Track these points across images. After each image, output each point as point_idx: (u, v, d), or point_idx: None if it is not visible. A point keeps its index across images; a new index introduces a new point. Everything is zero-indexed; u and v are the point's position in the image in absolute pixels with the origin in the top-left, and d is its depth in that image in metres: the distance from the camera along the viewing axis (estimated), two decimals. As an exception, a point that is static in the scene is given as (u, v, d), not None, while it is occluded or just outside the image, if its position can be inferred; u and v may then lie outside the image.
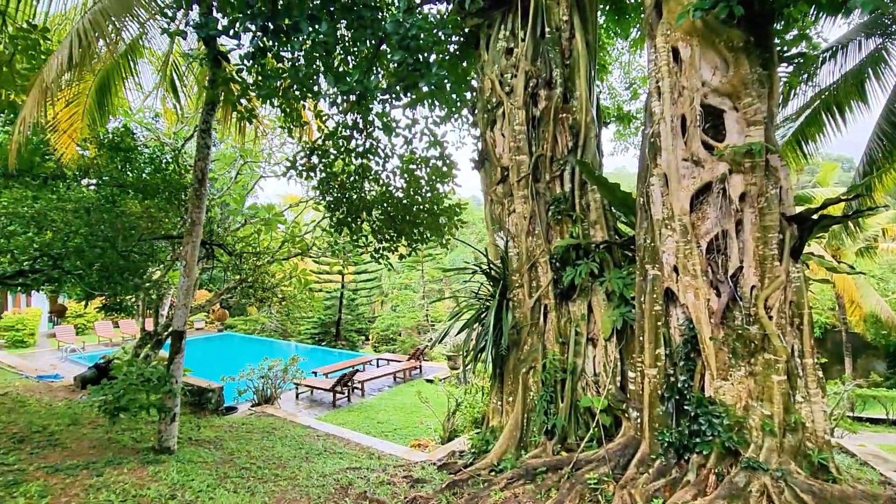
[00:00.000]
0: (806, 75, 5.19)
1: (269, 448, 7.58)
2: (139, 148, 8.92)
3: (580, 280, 5.02)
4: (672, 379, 4.24)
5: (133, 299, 9.67)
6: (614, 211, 5.40)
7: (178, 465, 5.88)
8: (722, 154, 3.87)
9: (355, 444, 8.35)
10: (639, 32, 7.94)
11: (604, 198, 5.22)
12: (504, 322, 5.23)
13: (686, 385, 4.14)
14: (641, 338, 4.42)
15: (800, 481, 3.39)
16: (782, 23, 4.33)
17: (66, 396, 9.55)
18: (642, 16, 4.50)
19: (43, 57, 5.84)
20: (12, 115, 7.67)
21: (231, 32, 5.25)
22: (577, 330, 5.17)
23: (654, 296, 4.32)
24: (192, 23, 5.94)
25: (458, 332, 5.76)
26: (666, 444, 4.12)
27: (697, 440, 3.92)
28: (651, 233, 4.38)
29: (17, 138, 6.13)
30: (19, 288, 8.61)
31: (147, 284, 9.32)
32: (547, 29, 5.63)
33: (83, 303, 13.08)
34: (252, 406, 10.99)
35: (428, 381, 14.71)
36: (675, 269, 4.20)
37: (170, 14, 5.92)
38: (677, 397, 4.18)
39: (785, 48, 4.38)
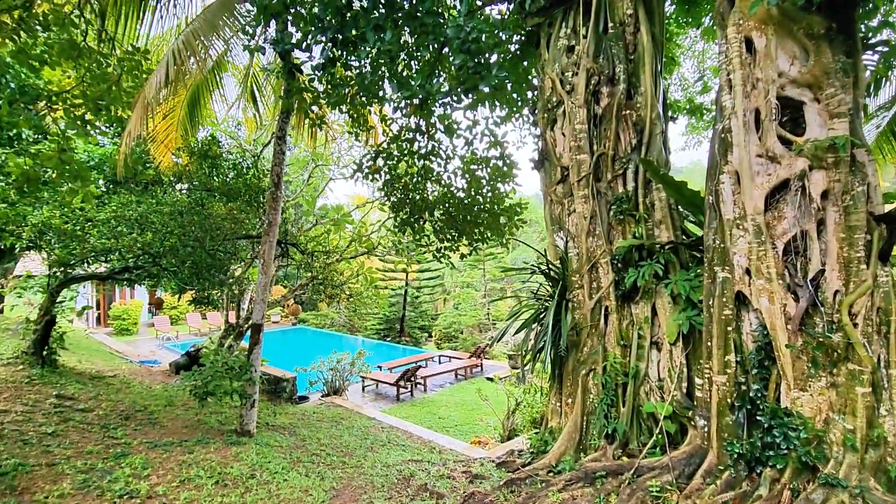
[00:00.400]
0: None
1: (337, 437, 8.02)
2: (224, 155, 9.72)
3: (643, 282, 4.87)
4: (743, 387, 4.02)
5: (218, 293, 10.56)
6: (681, 210, 5.17)
7: (257, 447, 6.39)
8: (801, 149, 3.61)
9: (417, 437, 8.61)
10: (711, 21, 7.50)
11: (669, 197, 5.02)
12: (563, 323, 5.18)
13: (759, 394, 3.91)
14: (710, 343, 4.22)
15: (878, 498, 3.11)
16: (866, 8, 3.94)
17: (162, 380, 10.63)
18: (716, 2, 4.26)
19: (145, 76, 6.54)
20: (119, 129, 8.68)
21: (304, 46, 5.63)
22: (640, 333, 5.02)
23: (724, 299, 4.11)
24: (269, 39, 6.44)
25: (517, 332, 5.78)
26: (736, 456, 3.92)
27: (771, 453, 3.69)
28: (721, 233, 4.17)
29: (124, 150, 6.95)
30: (125, 282, 9.73)
31: (230, 280, 10.16)
32: (610, 24, 5.50)
33: (177, 296, 14.42)
34: (322, 396, 11.63)
35: (488, 379, 14.77)
36: (748, 272, 3.97)
37: (250, 31, 6.44)
38: (749, 407, 3.96)
39: (869, 35, 3.99)
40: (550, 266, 5.72)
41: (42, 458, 4.86)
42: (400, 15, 5.52)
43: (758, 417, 3.88)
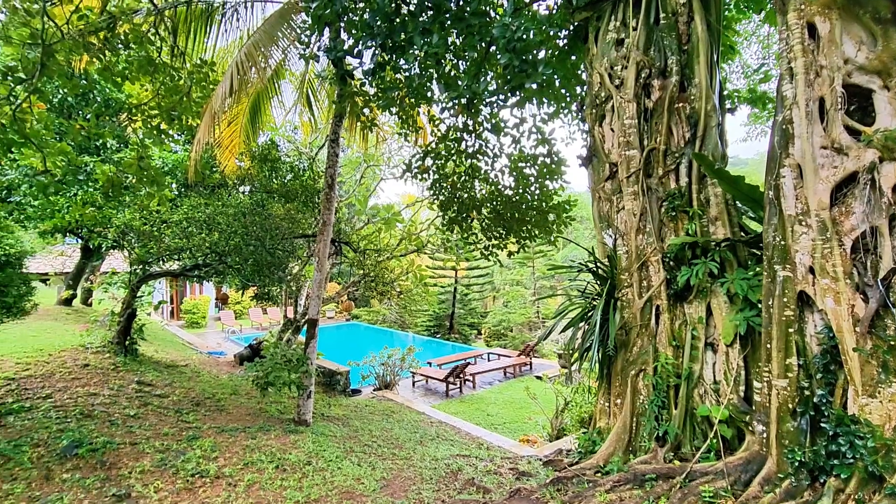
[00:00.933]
0: None
1: (388, 429, 8.28)
2: (282, 158, 10.25)
3: (697, 280, 4.70)
4: (807, 392, 3.81)
5: (277, 290, 11.15)
6: (739, 206, 4.93)
7: (313, 436, 6.74)
8: (871, 140, 3.36)
9: (465, 433, 8.73)
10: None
11: (726, 192, 4.80)
12: (611, 322, 5.09)
13: (823, 400, 3.69)
14: (769, 345, 4.02)
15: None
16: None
17: (228, 370, 11.38)
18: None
19: (212, 87, 7.02)
20: (189, 137, 9.37)
21: (355, 52, 5.87)
22: (694, 333, 4.85)
23: (785, 300, 3.91)
24: (323, 47, 6.74)
25: (563, 331, 5.74)
26: (797, 464, 3.72)
27: (836, 462, 3.48)
28: (782, 230, 3.96)
29: (194, 156, 7.51)
30: (195, 278, 10.49)
31: (288, 277, 10.70)
32: (662, 15, 5.32)
33: (240, 292, 15.32)
34: (374, 390, 12.01)
35: (537, 377, 14.65)
36: (811, 271, 3.75)
37: (305, 40, 6.76)
38: (812, 413, 3.74)
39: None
40: (598, 264, 5.63)
41: (126, 437, 5.38)
42: (447, 17, 5.62)
43: (822, 424, 3.67)
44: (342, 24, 6.09)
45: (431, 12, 5.74)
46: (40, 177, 5.90)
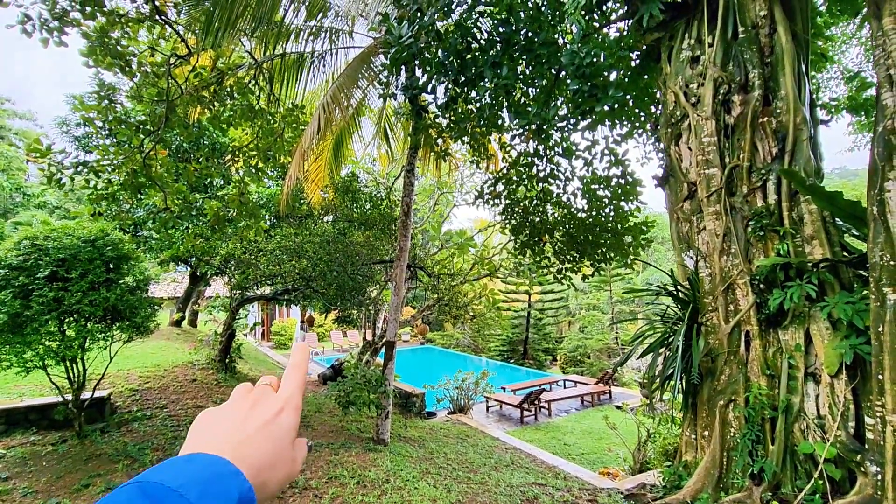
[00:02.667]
0: None
1: (462, 453, 8.31)
2: (361, 189, 10.94)
3: (792, 304, 4.35)
4: (932, 431, 3.38)
5: (357, 313, 11.74)
6: (839, 223, 4.54)
7: (391, 455, 6.95)
8: None
9: (541, 461, 8.52)
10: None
11: (822, 209, 4.46)
12: (694, 348, 4.83)
13: (953, 440, 3.25)
14: (881, 376, 3.62)
15: None
16: None
17: (312, 389, 12.05)
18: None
19: (301, 128, 7.75)
20: (282, 173, 10.32)
21: (429, 88, 6.24)
22: (791, 362, 4.46)
23: (899, 326, 3.53)
24: (399, 85, 7.24)
25: (641, 356, 5.52)
26: (923, 513, 3.29)
27: (973, 513, 3.04)
28: (890, 248, 3.61)
29: (286, 190, 8.27)
30: (284, 302, 11.35)
31: (367, 301, 11.24)
32: (740, 29, 5.14)
33: (324, 314, 16.24)
34: (448, 413, 12.10)
35: (617, 407, 13.92)
36: (929, 293, 3.38)
37: (383, 80, 7.30)
38: (940, 455, 3.31)
39: None
40: (678, 287, 5.40)
41: (226, 446, 5.90)
42: (516, 49, 5.83)
43: (952, 468, 3.23)
44: (417, 63, 6.52)
45: (501, 46, 5.99)
46: (162, 213, 6.80)
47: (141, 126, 6.14)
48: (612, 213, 7.66)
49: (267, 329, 26.21)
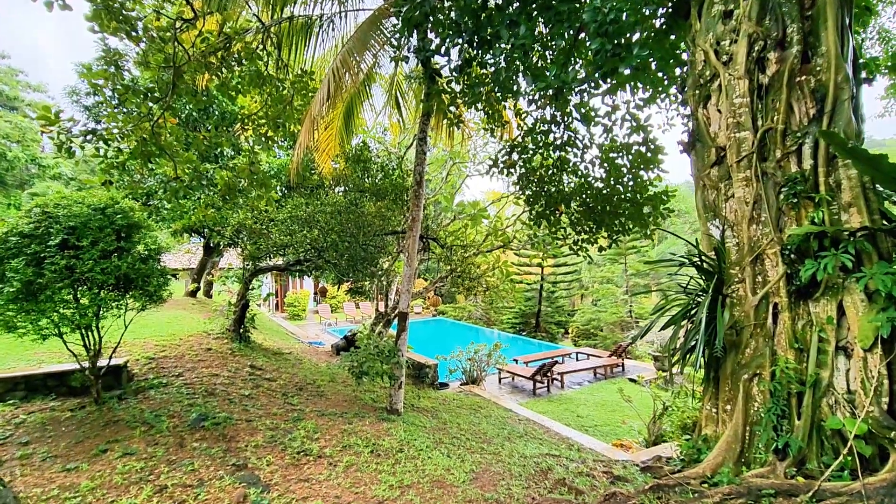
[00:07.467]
0: None
1: (475, 424, 8.34)
2: (373, 158, 10.73)
3: (825, 275, 4.13)
4: (973, 409, 3.21)
5: (369, 284, 11.71)
6: (880, 190, 4.26)
7: (405, 425, 6.98)
8: None
9: (555, 433, 8.53)
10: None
11: (863, 174, 4.18)
12: (718, 320, 4.65)
13: None
14: (920, 351, 3.45)
15: None
16: None
17: (326, 359, 12.17)
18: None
19: (311, 94, 7.52)
20: (292, 142, 10.14)
21: (443, 50, 5.95)
22: (822, 336, 4.28)
23: (943, 298, 3.33)
24: (412, 48, 6.94)
25: (662, 329, 5.36)
26: (959, 492, 3.15)
27: None
28: (938, 216, 3.38)
29: (296, 159, 8.11)
30: (297, 273, 11.34)
31: (379, 272, 11.18)
32: (779, -21, 4.76)
33: (336, 286, 16.30)
34: (461, 384, 12.16)
35: (631, 380, 13.90)
36: (980, 264, 3.15)
37: (395, 43, 7.00)
38: (981, 433, 3.15)
39: None
40: (703, 257, 5.19)
41: (242, 414, 5.97)
42: (534, 7, 5.50)
43: None
44: (430, 25, 6.21)
45: (518, 4, 5.66)
46: (172, 183, 6.70)
47: (149, 93, 5.98)
48: (631, 183, 7.38)
49: (281, 300, 26.51)
